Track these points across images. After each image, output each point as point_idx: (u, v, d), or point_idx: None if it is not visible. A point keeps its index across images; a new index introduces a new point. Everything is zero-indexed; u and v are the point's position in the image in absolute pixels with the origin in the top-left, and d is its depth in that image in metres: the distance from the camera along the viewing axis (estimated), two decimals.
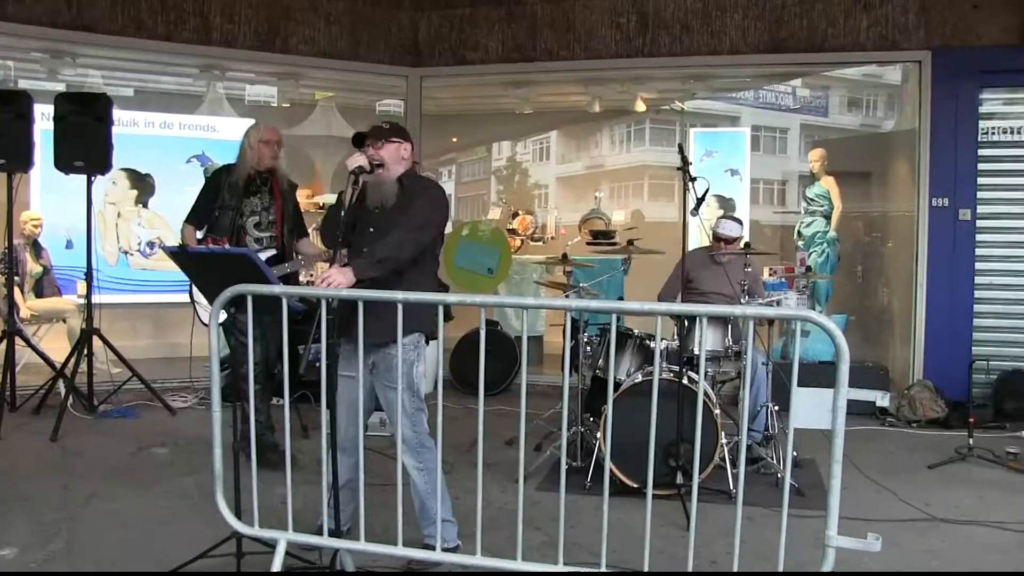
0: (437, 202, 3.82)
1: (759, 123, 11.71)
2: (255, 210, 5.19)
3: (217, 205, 5.15)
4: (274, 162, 5.25)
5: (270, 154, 5.22)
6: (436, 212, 3.79)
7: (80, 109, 6.25)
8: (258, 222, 5.19)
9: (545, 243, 9.88)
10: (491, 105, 10.63)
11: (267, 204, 5.22)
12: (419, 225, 3.67)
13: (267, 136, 5.26)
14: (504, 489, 4.84)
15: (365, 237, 3.71)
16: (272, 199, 5.23)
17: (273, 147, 5.24)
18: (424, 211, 3.71)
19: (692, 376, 4.89)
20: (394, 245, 3.58)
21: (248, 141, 5.26)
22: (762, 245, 7.53)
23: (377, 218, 3.73)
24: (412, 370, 3.69)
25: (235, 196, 5.15)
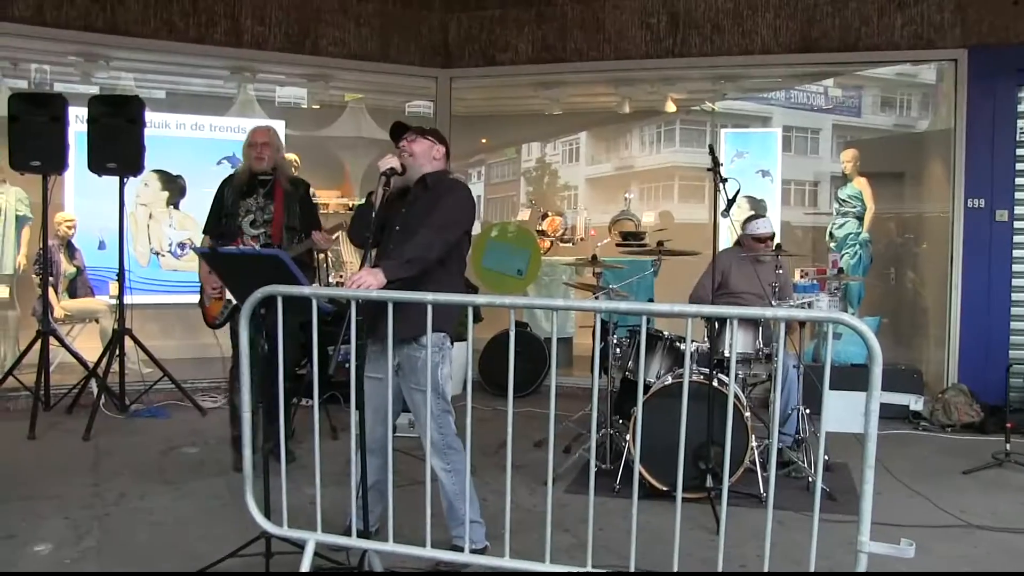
0: (463, 202, 3.82)
1: (790, 123, 11.62)
2: (250, 209, 5.20)
3: (224, 212, 5.22)
4: (262, 164, 5.23)
5: (254, 155, 5.22)
6: (463, 211, 3.80)
7: (113, 111, 6.31)
8: (253, 220, 5.19)
9: (574, 244, 9.87)
10: (521, 106, 10.63)
11: (264, 203, 5.22)
12: (446, 224, 3.67)
13: (251, 139, 5.29)
14: (533, 491, 4.83)
15: (392, 236, 3.73)
16: (270, 198, 5.22)
17: (257, 149, 5.22)
18: (451, 210, 3.71)
19: (722, 378, 4.86)
20: (422, 245, 3.58)
21: (245, 145, 5.33)
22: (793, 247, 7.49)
23: (403, 217, 3.75)
24: (437, 372, 3.68)
25: (232, 200, 5.21)
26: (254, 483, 3.40)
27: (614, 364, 5.44)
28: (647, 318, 2.97)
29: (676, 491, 2.94)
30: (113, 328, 6.62)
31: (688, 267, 6.02)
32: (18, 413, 6.48)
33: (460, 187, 3.94)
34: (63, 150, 6.23)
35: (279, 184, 5.28)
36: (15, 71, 8.39)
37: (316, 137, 10.07)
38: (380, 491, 3.73)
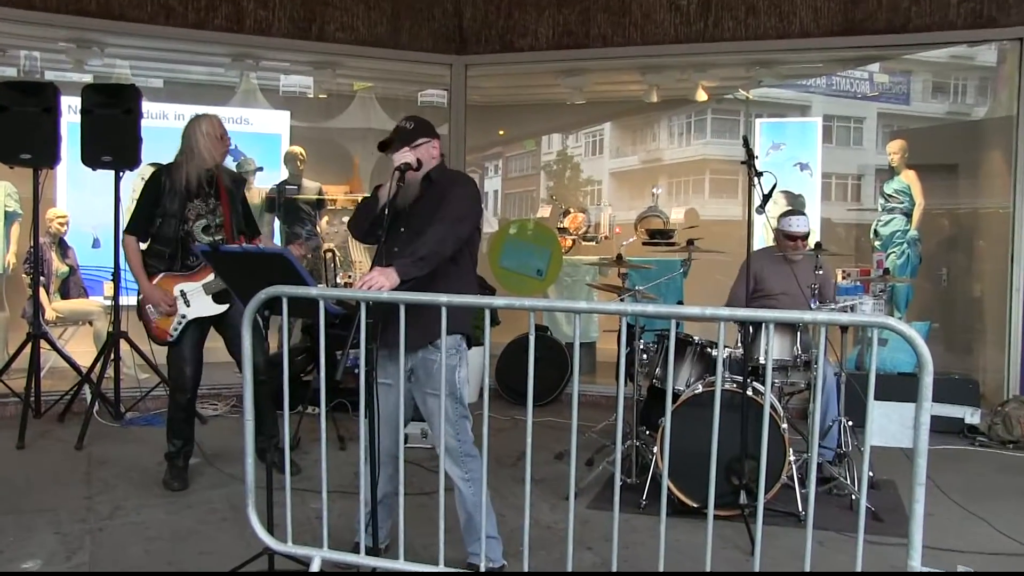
0: (471, 194, 3.83)
1: (832, 112, 11.55)
2: (201, 213, 5.05)
3: (158, 213, 5.01)
4: (224, 158, 5.16)
5: (223, 150, 5.12)
6: (472, 204, 3.80)
7: (108, 101, 6.31)
8: (206, 225, 5.05)
9: (598, 243, 9.86)
10: (540, 95, 10.64)
11: (213, 206, 5.09)
12: (457, 218, 3.66)
13: (218, 129, 5.08)
14: (553, 507, 4.83)
15: (399, 238, 3.72)
16: (218, 199, 5.10)
17: (225, 141, 5.12)
18: (460, 204, 3.71)
19: (757, 387, 4.84)
20: (434, 240, 3.57)
21: (198, 135, 5.05)
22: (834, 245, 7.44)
23: (407, 217, 3.75)
24: (454, 375, 3.69)
25: (177, 201, 5.00)
26: (256, 496, 3.42)
27: (640, 371, 5.43)
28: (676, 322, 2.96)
29: (707, 508, 2.94)
30: (108, 331, 6.66)
31: (720, 267, 6.01)
32: (7, 421, 6.53)
33: (465, 179, 3.96)
34: (55, 142, 6.27)
35: (223, 182, 5.16)
36: (3, 58, 8.45)
37: (323, 128, 10.11)
38: (390, 505, 3.74)
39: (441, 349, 3.18)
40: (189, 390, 5.10)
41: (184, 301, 5.02)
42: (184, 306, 5.03)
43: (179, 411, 5.13)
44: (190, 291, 5.02)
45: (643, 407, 5.53)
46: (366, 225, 3.80)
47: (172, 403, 5.16)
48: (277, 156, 8.97)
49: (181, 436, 5.16)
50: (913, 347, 2.64)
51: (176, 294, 5.02)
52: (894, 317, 5.47)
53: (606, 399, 7.21)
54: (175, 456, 5.15)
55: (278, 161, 8.88)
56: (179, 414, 5.13)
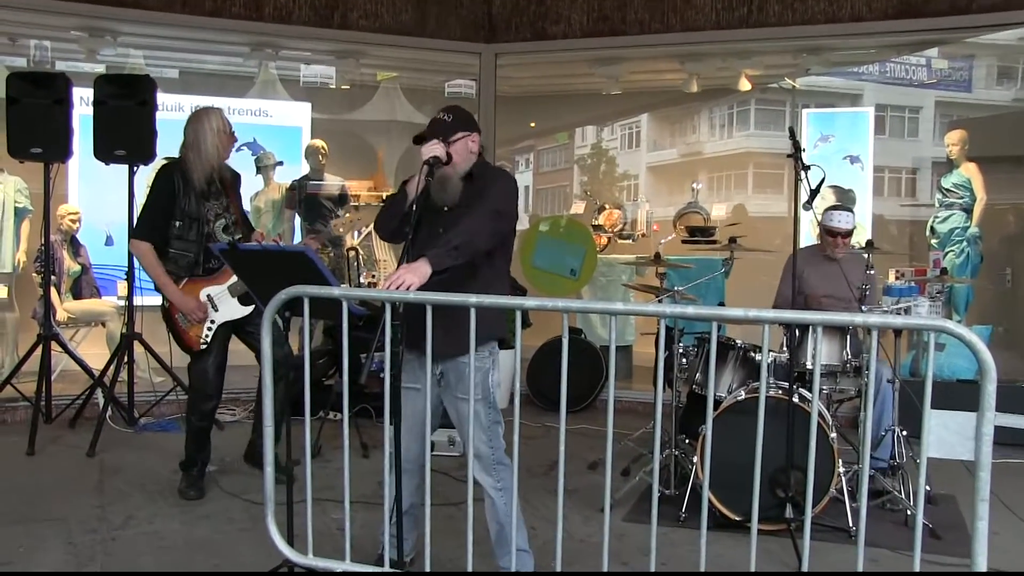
0: (511, 190, 3.82)
1: (885, 101, 11.46)
2: (218, 212, 5.09)
3: (177, 215, 4.98)
4: (230, 155, 5.18)
5: (232, 145, 5.14)
6: (511, 201, 3.80)
7: (121, 93, 6.36)
8: (225, 225, 5.08)
9: (635, 241, 9.85)
10: (574, 85, 10.63)
11: (225, 204, 5.12)
12: (495, 212, 3.66)
13: (226, 124, 5.10)
14: (587, 519, 4.83)
15: (433, 240, 3.67)
16: (227, 196, 5.13)
17: (234, 137, 5.16)
18: (499, 199, 3.70)
19: (804, 394, 4.82)
20: (470, 231, 3.55)
21: (207, 130, 5.03)
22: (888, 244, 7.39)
23: (446, 217, 3.72)
24: (487, 379, 3.70)
25: (194, 201, 5.00)
26: (276, 505, 3.44)
27: (679, 376, 5.42)
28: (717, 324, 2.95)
29: (751, 521, 2.93)
30: (121, 332, 6.72)
31: (764, 267, 5.98)
32: (16, 426, 6.63)
33: (506, 175, 3.95)
34: (67, 136, 6.33)
35: (225, 177, 5.18)
36: (13, 48, 8.55)
37: (345, 121, 10.17)
38: (416, 516, 3.76)
39: (470, 351, 3.17)
40: (214, 397, 5.15)
41: (212, 306, 5.07)
42: (212, 311, 5.07)
43: (201, 419, 5.18)
44: (216, 295, 5.06)
45: (682, 414, 5.51)
46: (394, 224, 3.77)
47: (194, 411, 5.19)
48: (298, 150, 9.03)
49: (199, 444, 5.21)
50: (974, 352, 2.62)
51: (203, 299, 5.06)
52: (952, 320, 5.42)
53: (643, 406, 7.20)
54: (191, 464, 5.20)
55: (299, 155, 8.93)
56: (201, 422, 5.18)
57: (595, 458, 5.84)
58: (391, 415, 3.29)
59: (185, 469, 5.20)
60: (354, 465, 5.06)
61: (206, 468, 5.29)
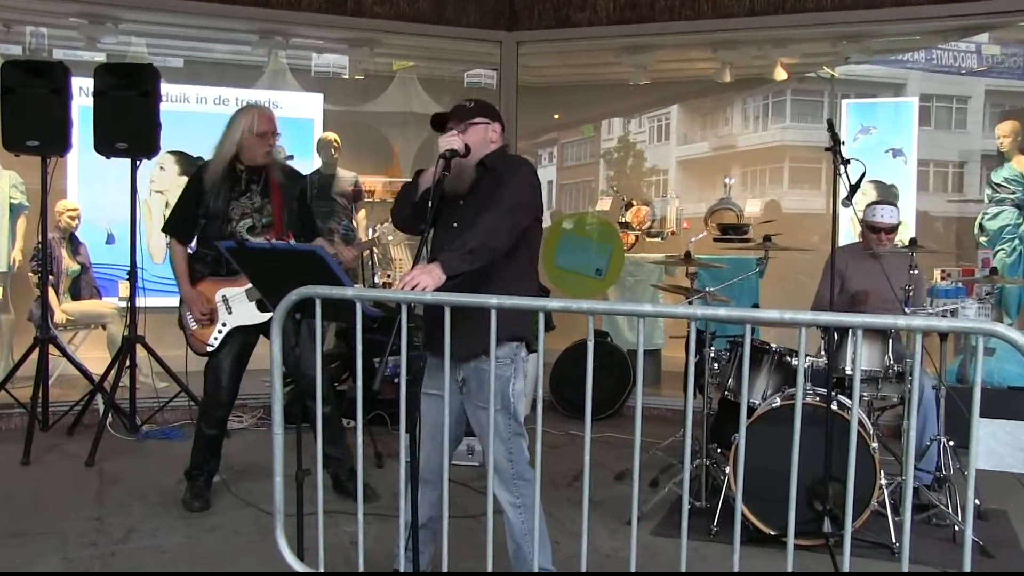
0: (530, 181, 3.80)
1: (930, 91, 11.38)
2: (246, 211, 5.11)
3: (201, 213, 5.09)
4: (269, 158, 5.15)
5: (263, 150, 5.09)
6: (531, 193, 3.77)
7: (123, 83, 6.37)
8: (251, 226, 5.09)
9: (664, 239, 9.85)
10: (600, 75, 10.63)
11: (260, 204, 5.13)
12: (513, 207, 3.64)
13: (261, 127, 5.07)
14: (613, 533, 4.84)
15: (448, 233, 3.70)
16: (267, 197, 5.13)
17: (268, 140, 5.10)
18: (518, 192, 3.69)
19: (843, 401, 4.81)
20: (485, 232, 3.53)
21: (234, 129, 5.09)
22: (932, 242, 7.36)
23: (461, 211, 3.73)
24: (508, 387, 3.69)
25: (221, 199, 5.06)
26: (285, 517, 3.46)
27: (711, 382, 5.42)
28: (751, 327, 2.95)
29: (787, 536, 2.92)
30: (123, 335, 6.74)
31: (801, 266, 5.98)
32: (11, 433, 6.67)
33: (525, 165, 3.93)
34: (65, 128, 6.33)
35: (273, 177, 5.18)
36: (8, 35, 8.57)
37: (359, 113, 10.20)
38: (433, 530, 3.75)
39: (491, 356, 3.17)
40: (225, 405, 5.19)
41: (226, 307, 5.11)
42: (225, 313, 5.11)
43: (210, 426, 5.21)
44: (232, 296, 5.09)
45: (714, 422, 5.52)
46: (407, 212, 3.79)
47: (204, 417, 5.24)
48: (309, 143, 9.04)
49: (207, 452, 5.25)
50: None
51: (217, 300, 5.11)
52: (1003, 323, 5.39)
53: (673, 413, 7.20)
54: (197, 474, 5.23)
55: (310, 149, 8.96)
56: (210, 429, 5.22)
57: (622, 468, 5.85)
58: (407, 423, 3.30)
59: (190, 478, 5.24)
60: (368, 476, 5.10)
61: (212, 479, 5.33)
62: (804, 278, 5.97)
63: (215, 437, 5.25)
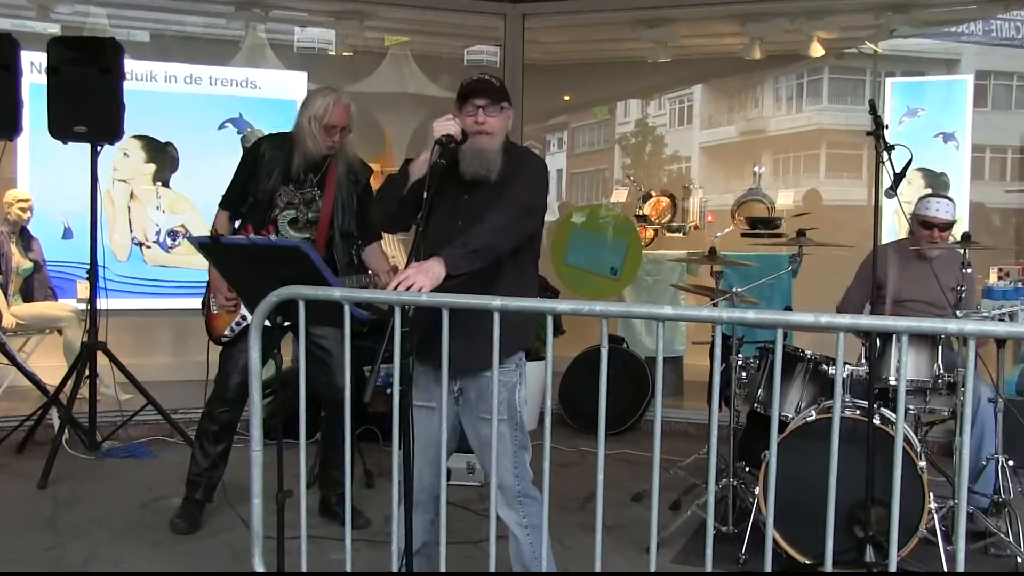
0: (541, 180, 3.83)
1: (987, 67, 11.37)
2: (293, 202, 5.13)
3: (251, 191, 5.16)
4: (331, 151, 5.15)
5: (327, 143, 5.08)
6: (540, 193, 3.81)
7: (81, 58, 6.32)
8: (294, 218, 5.11)
9: (686, 234, 9.85)
10: (615, 52, 10.64)
11: (312, 196, 5.14)
12: (525, 207, 3.66)
13: (334, 119, 5.06)
14: (630, 561, 4.85)
15: (451, 230, 3.68)
16: (322, 190, 5.14)
17: (334, 136, 5.09)
18: (530, 190, 3.72)
19: (887, 415, 4.82)
20: (493, 232, 3.55)
21: (302, 115, 5.10)
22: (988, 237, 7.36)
23: (468, 204, 3.72)
24: (514, 395, 3.72)
25: (271, 182, 5.11)
26: (265, 543, 3.47)
27: (739, 393, 5.43)
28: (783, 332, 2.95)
29: (824, 565, 2.93)
30: (81, 341, 6.73)
31: (839, 264, 5.98)
32: None
33: (535, 161, 3.95)
34: (14, 108, 6.30)
35: (333, 168, 5.19)
36: None
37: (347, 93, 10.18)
38: (429, 556, 3.77)
39: (494, 362, 3.16)
40: (229, 400, 5.18)
41: None
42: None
43: (214, 422, 5.21)
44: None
45: (742, 438, 5.53)
46: (392, 208, 3.77)
47: (207, 414, 5.25)
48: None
49: (209, 453, 5.23)
50: None
51: None
52: None
53: (696, 427, 7.21)
54: (195, 486, 5.24)
55: None
56: (213, 425, 5.21)
57: (639, 489, 5.86)
58: (400, 438, 3.31)
59: (188, 491, 5.27)
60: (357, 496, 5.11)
61: (212, 494, 5.33)
62: (842, 278, 5.97)
63: (217, 434, 5.21)
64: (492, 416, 3.25)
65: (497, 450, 3.35)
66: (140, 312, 8.48)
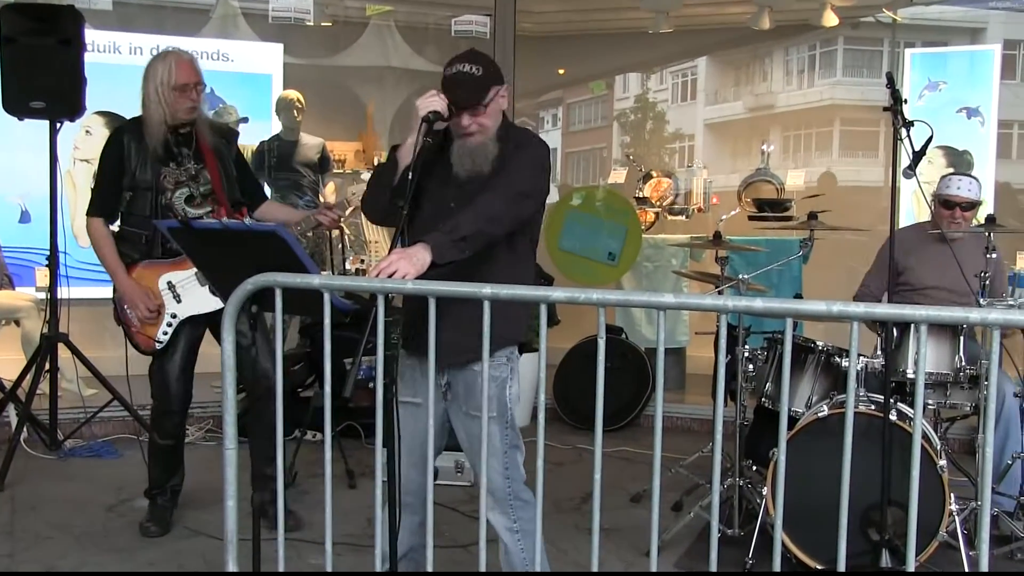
0: (541, 163, 3.79)
1: (1017, 36, 11.34)
2: (180, 180, 5.09)
3: (126, 184, 5.07)
4: (194, 114, 5.10)
5: (185, 105, 5.04)
6: (539, 178, 3.77)
7: (38, 28, 6.28)
8: (189, 195, 5.08)
9: (689, 217, 9.86)
10: (613, 22, 10.64)
11: (195, 171, 5.12)
12: (522, 193, 3.64)
13: (180, 78, 5.02)
14: (630, 564, 4.87)
15: (443, 214, 3.68)
16: (201, 161, 5.13)
17: (190, 94, 5.04)
18: (527, 174, 3.69)
19: (904, 410, 4.83)
20: (485, 218, 3.53)
21: (147, 83, 5.05)
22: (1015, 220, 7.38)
23: (460, 191, 3.70)
24: (504, 391, 3.72)
25: (149, 168, 5.05)
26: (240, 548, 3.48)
27: (745, 386, 5.44)
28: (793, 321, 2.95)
29: (837, 569, 2.95)
30: (41, 333, 6.73)
31: (854, 250, 6.00)
32: None
33: (535, 142, 3.89)
34: None
35: (203, 138, 5.18)
36: None
37: (326, 67, 10.20)
38: (416, 561, 3.78)
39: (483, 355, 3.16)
40: (177, 411, 5.20)
41: (173, 295, 5.11)
42: (173, 302, 5.11)
43: (165, 437, 5.24)
44: (180, 282, 5.08)
45: (749, 434, 5.54)
46: (384, 199, 3.72)
47: (155, 427, 5.28)
48: (267, 103, 9.05)
49: (164, 466, 5.27)
50: None
51: (162, 288, 5.11)
52: None
53: (699, 423, 7.22)
54: (157, 493, 5.28)
55: (268, 110, 8.96)
56: (164, 440, 5.24)
57: (639, 489, 5.87)
58: (384, 435, 3.32)
59: (149, 497, 5.29)
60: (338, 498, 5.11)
61: (178, 497, 5.37)
62: (856, 264, 5.98)
63: (170, 448, 5.27)
64: (482, 413, 3.21)
65: (486, 449, 3.32)
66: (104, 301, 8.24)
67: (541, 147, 3.85)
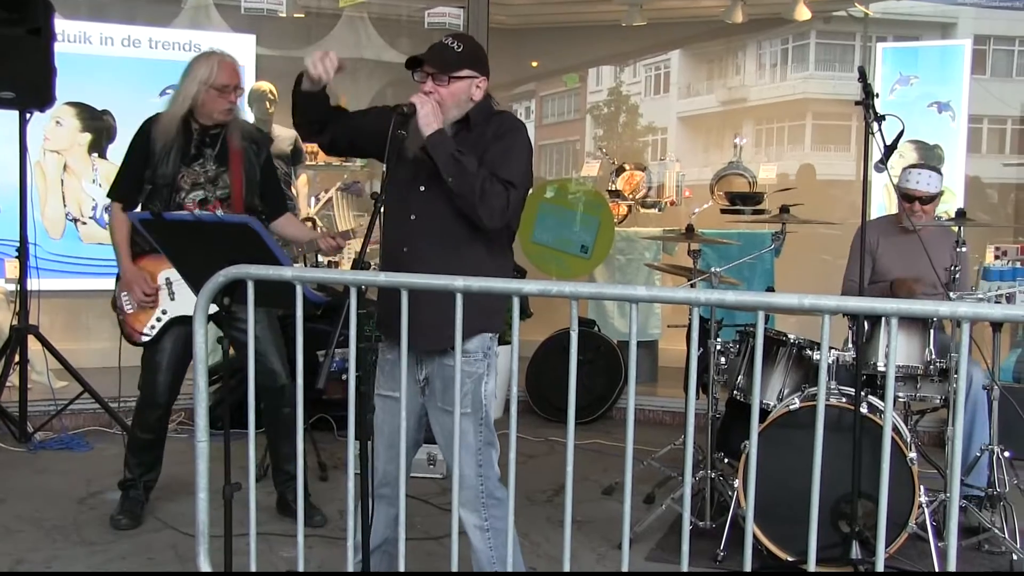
0: (526, 152, 3.79)
1: (987, 31, 11.36)
2: (198, 181, 5.11)
3: (147, 177, 5.07)
4: (228, 116, 5.15)
5: (223, 106, 5.10)
6: (528, 166, 3.77)
7: (7, 17, 6.26)
8: (203, 198, 5.09)
9: (662, 210, 9.89)
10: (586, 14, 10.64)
11: (215, 172, 5.12)
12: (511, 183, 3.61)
13: (222, 79, 5.07)
14: (601, 557, 4.87)
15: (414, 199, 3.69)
16: (224, 164, 5.13)
17: (229, 96, 5.10)
18: (518, 164, 3.69)
19: (875, 403, 4.86)
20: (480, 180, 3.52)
21: (189, 80, 5.10)
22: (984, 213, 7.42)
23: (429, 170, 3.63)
24: (480, 387, 3.71)
25: (171, 164, 5.04)
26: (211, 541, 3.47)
27: (717, 379, 5.45)
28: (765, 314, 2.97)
29: (807, 563, 2.96)
30: (11, 325, 6.71)
31: (825, 243, 6.02)
32: None
33: (519, 129, 3.86)
34: None
35: (232, 141, 5.17)
36: None
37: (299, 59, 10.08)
38: (390, 554, 3.76)
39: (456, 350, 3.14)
40: (161, 405, 5.19)
41: (168, 292, 5.10)
42: (167, 298, 5.10)
43: (145, 431, 5.23)
44: (177, 280, 5.06)
45: (720, 427, 5.56)
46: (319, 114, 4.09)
47: (137, 419, 5.26)
48: None
49: (140, 460, 5.26)
50: None
51: (160, 282, 5.11)
52: None
53: (671, 416, 7.24)
54: (131, 486, 5.27)
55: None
56: (145, 434, 5.23)
57: (611, 481, 5.88)
58: (356, 427, 3.31)
59: (122, 488, 5.28)
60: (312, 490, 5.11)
61: (150, 492, 5.35)
62: (828, 257, 6.02)
63: (149, 442, 5.26)
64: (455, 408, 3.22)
65: (460, 446, 3.34)
66: (75, 293, 8.40)
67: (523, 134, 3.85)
